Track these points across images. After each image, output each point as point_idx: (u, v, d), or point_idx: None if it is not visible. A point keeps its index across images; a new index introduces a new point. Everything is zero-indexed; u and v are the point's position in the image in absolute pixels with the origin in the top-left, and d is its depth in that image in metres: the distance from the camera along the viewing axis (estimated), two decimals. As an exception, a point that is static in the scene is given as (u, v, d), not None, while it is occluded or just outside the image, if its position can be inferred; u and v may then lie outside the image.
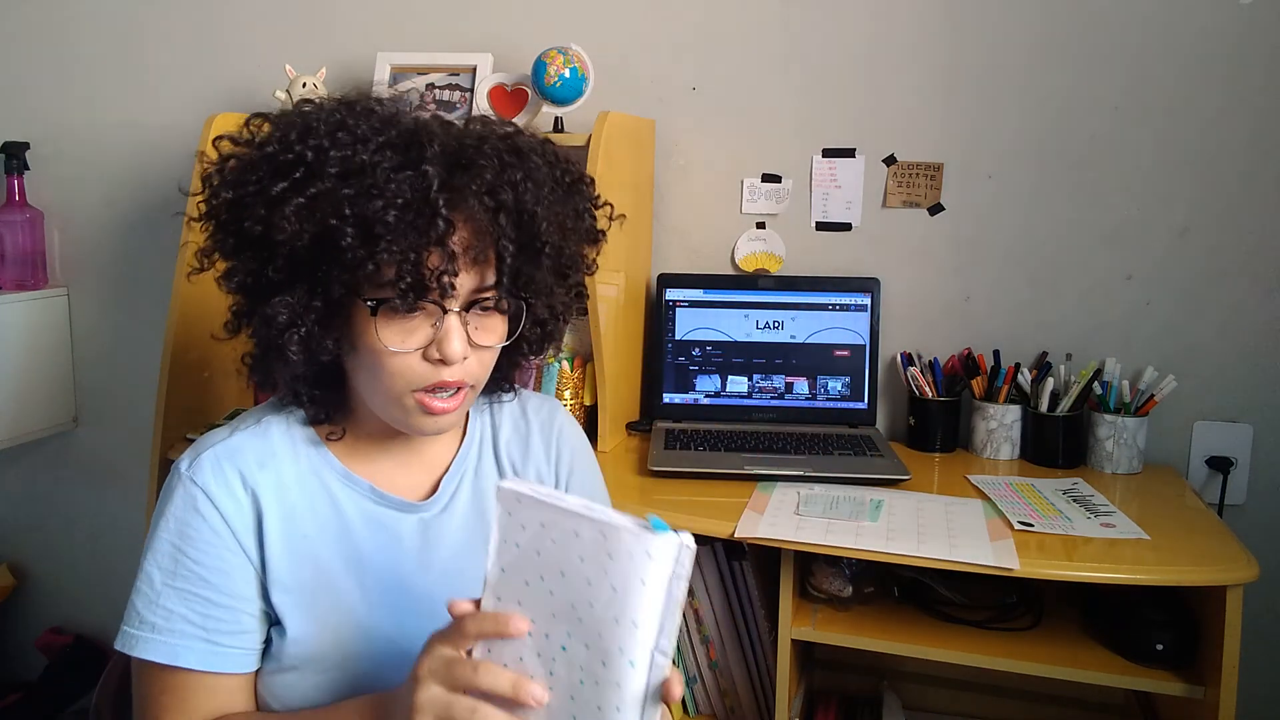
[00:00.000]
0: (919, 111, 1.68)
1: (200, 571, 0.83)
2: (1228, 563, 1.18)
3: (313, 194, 0.78)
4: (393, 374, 0.82)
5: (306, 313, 0.81)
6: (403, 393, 0.83)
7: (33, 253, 1.99)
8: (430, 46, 1.81)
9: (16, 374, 1.94)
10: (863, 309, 1.68)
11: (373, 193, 0.77)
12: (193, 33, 1.94)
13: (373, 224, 0.76)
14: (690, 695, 1.55)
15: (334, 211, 0.77)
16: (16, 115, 2.02)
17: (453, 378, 0.83)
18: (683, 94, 1.77)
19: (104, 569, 2.13)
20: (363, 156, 0.79)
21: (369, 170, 0.78)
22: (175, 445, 1.62)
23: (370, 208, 0.77)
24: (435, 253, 0.79)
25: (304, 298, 0.81)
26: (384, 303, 0.80)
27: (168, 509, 0.85)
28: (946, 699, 1.64)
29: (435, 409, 0.84)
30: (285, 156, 0.80)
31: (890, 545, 1.21)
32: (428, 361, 0.82)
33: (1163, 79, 1.57)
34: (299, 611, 0.86)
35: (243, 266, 0.83)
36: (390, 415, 0.86)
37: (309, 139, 0.80)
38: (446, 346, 0.81)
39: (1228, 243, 1.58)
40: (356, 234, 0.77)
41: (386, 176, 0.77)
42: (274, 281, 0.81)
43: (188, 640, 0.83)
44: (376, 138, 0.80)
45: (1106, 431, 1.54)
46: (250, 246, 0.81)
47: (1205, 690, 1.19)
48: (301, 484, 0.89)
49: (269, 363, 0.86)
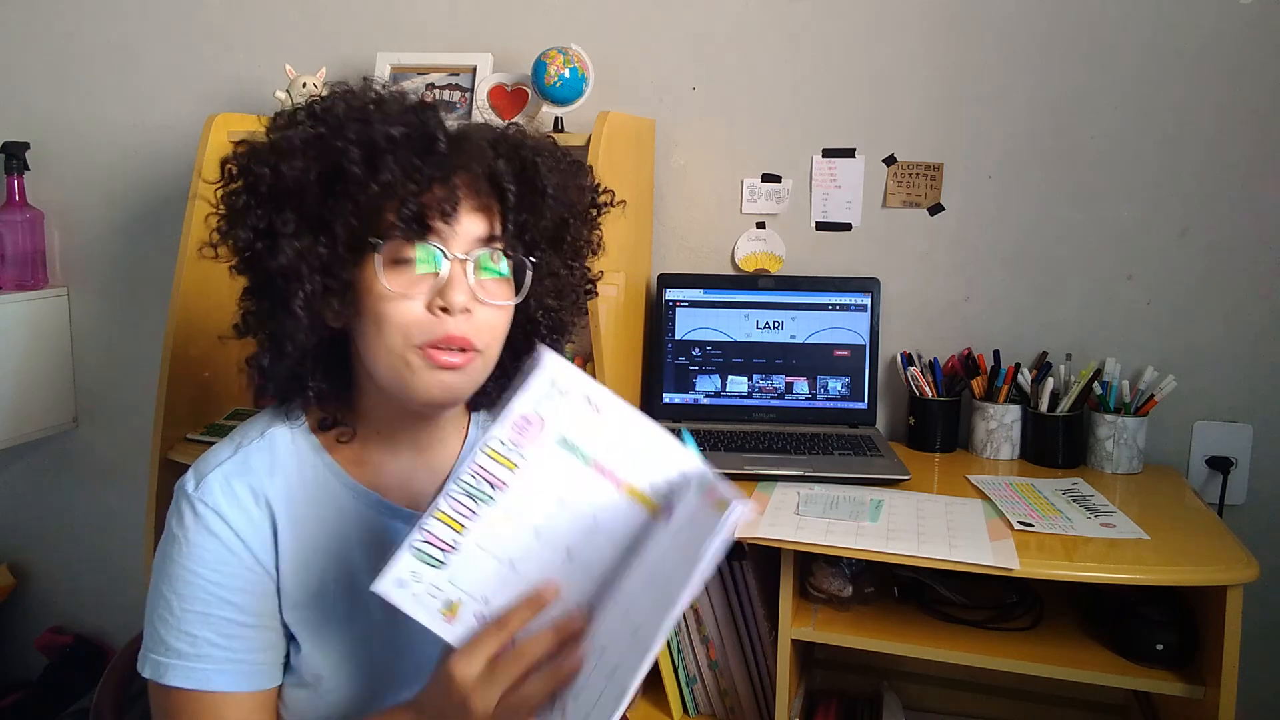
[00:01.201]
0: (919, 111, 1.68)
1: (220, 593, 0.82)
2: (1228, 563, 1.18)
3: (320, 131, 0.81)
4: (396, 325, 0.81)
5: (313, 261, 0.81)
6: (406, 347, 0.81)
7: (33, 253, 1.99)
8: (430, 46, 1.81)
9: (16, 374, 1.94)
10: (863, 309, 1.68)
11: (376, 124, 0.80)
12: (193, 33, 1.94)
13: (376, 148, 0.80)
14: (690, 695, 1.55)
15: (339, 139, 0.80)
16: (16, 115, 2.02)
17: (458, 330, 0.81)
18: (683, 94, 1.77)
19: (104, 569, 2.13)
20: (370, 103, 0.83)
21: (375, 106, 0.83)
22: (175, 445, 1.62)
23: (374, 133, 0.80)
24: (437, 188, 0.80)
25: (310, 244, 0.81)
26: (388, 241, 0.81)
27: (179, 532, 0.83)
28: (946, 699, 1.64)
29: (441, 361, 0.81)
30: (296, 118, 0.84)
31: (890, 545, 1.21)
32: (432, 313, 0.81)
33: (1163, 79, 1.57)
34: (309, 628, 0.86)
35: (251, 227, 0.83)
36: (397, 379, 0.83)
37: (325, 110, 0.84)
38: (450, 293, 0.81)
39: (1228, 243, 1.58)
40: (360, 156, 0.79)
41: (392, 113, 0.82)
42: (281, 235, 0.81)
43: (217, 664, 0.82)
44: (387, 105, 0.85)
45: (1106, 431, 1.54)
46: (260, 201, 0.82)
47: (1205, 690, 1.19)
48: (309, 495, 0.88)
49: (277, 344, 0.85)
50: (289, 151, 0.81)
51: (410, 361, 0.81)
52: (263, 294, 0.85)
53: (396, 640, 0.89)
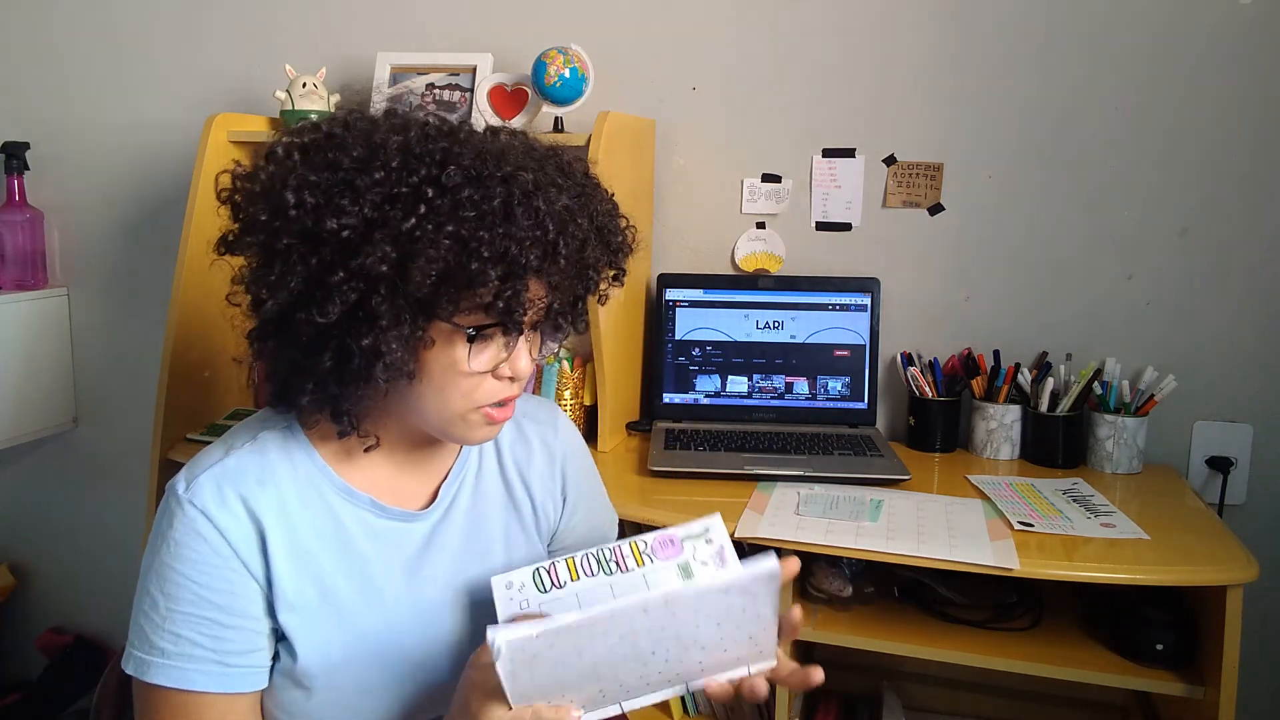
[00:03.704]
0: (919, 111, 1.68)
1: (206, 595, 0.82)
2: (1228, 563, 1.18)
3: (449, 229, 0.75)
4: (465, 393, 0.84)
5: (394, 338, 0.77)
6: (468, 410, 0.85)
7: (33, 253, 1.99)
8: (430, 46, 1.81)
9: (16, 374, 1.94)
10: (863, 309, 1.68)
11: (508, 230, 0.77)
12: (193, 33, 1.94)
13: (512, 257, 0.77)
14: (690, 695, 1.55)
15: (472, 245, 0.76)
16: (16, 115, 2.02)
17: (517, 392, 0.88)
18: (683, 94, 1.77)
19: (104, 569, 2.13)
20: (473, 193, 0.77)
21: (500, 210, 0.77)
22: (175, 445, 1.62)
23: (509, 245, 0.76)
24: (534, 282, 0.81)
25: (392, 322, 0.77)
26: (482, 330, 0.81)
27: (168, 533, 0.83)
28: (946, 699, 1.64)
29: (499, 419, 0.87)
30: (399, 189, 0.76)
31: (890, 545, 1.21)
32: (497, 379, 0.85)
33: (1163, 79, 1.57)
34: (305, 631, 0.86)
35: (318, 284, 0.77)
36: (448, 431, 0.88)
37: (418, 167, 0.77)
38: (519, 365, 0.85)
39: (1228, 243, 1.58)
40: (495, 268, 0.76)
41: (512, 212, 0.77)
42: (376, 316, 0.76)
43: (199, 664, 0.82)
44: (483, 168, 0.78)
45: (1106, 431, 1.54)
46: (348, 272, 0.76)
47: (1205, 690, 1.19)
48: (302, 500, 0.88)
49: (324, 384, 0.82)
50: (409, 234, 0.75)
51: (469, 420, 0.86)
52: (317, 347, 0.80)
53: (400, 637, 0.89)
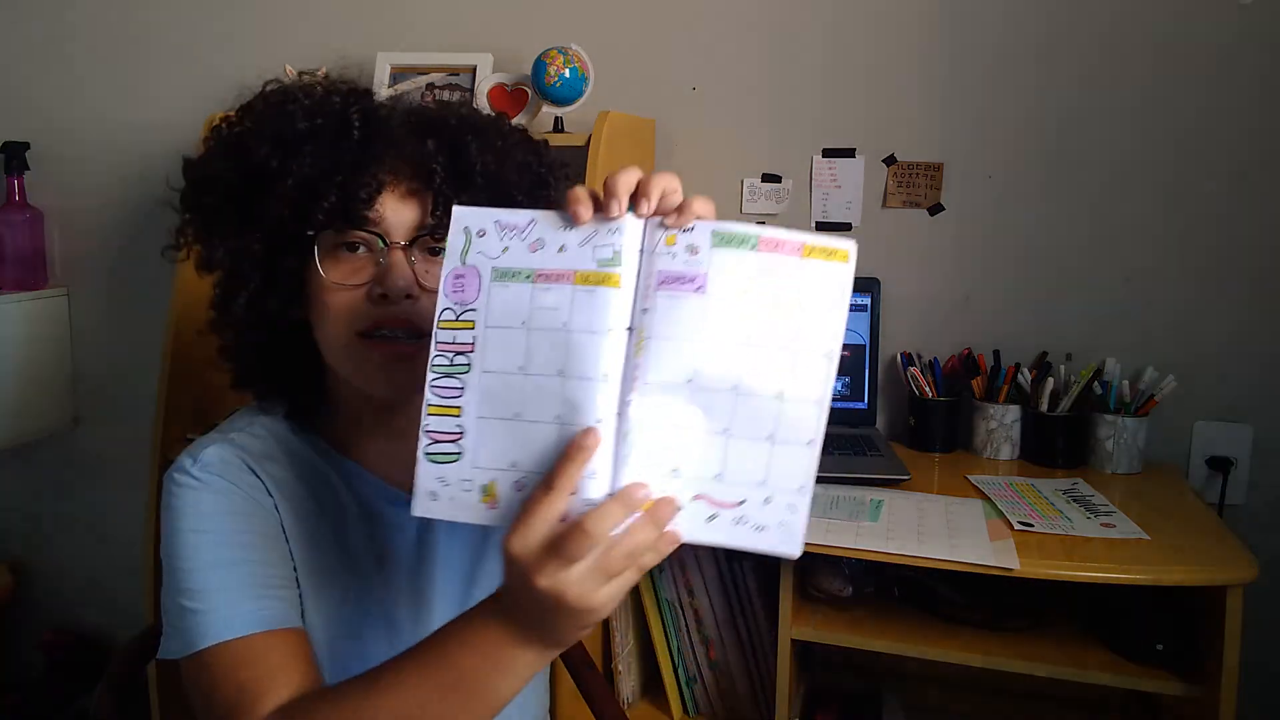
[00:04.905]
0: (919, 111, 1.67)
1: (227, 533, 0.80)
2: (1228, 563, 1.18)
3: (239, 130, 0.85)
4: (337, 315, 0.81)
5: (250, 258, 0.83)
6: (348, 336, 0.82)
7: (33, 253, 1.99)
8: (430, 46, 1.81)
9: (16, 374, 1.94)
10: (863, 309, 1.68)
11: (292, 116, 0.83)
12: (192, 33, 1.94)
13: (290, 140, 0.81)
14: (690, 695, 1.55)
15: (255, 137, 0.83)
16: (16, 115, 2.02)
17: (393, 315, 0.81)
18: (683, 94, 1.77)
19: (104, 569, 2.13)
20: (289, 99, 0.85)
21: (297, 100, 0.84)
22: (175, 445, 1.62)
23: (288, 126, 0.82)
24: (365, 178, 0.81)
25: (244, 242, 0.83)
26: (322, 232, 0.82)
27: (180, 506, 0.81)
28: (946, 699, 1.63)
29: (382, 350, 0.81)
30: (227, 120, 0.88)
31: (890, 545, 1.21)
32: (371, 301, 0.81)
33: (1163, 79, 1.57)
34: (307, 605, 0.85)
35: (195, 231, 0.88)
36: (347, 369, 0.84)
37: (246, 108, 0.88)
38: (387, 279, 0.80)
39: (1228, 243, 1.58)
40: (274, 150, 0.81)
41: (312, 104, 0.84)
42: (217, 236, 0.85)
43: (232, 605, 0.77)
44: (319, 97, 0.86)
45: (1106, 431, 1.54)
46: (196, 206, 0.87)
47: (1205, 690, 1.19)
48: (299, 479, 0.88)
49: (238, 339, 0.88)
50: (214, 154, 0.86)
51: (354, 353, 0.82)
52: (218, 294, 0.88)
53: (401, 607, 0.90)
